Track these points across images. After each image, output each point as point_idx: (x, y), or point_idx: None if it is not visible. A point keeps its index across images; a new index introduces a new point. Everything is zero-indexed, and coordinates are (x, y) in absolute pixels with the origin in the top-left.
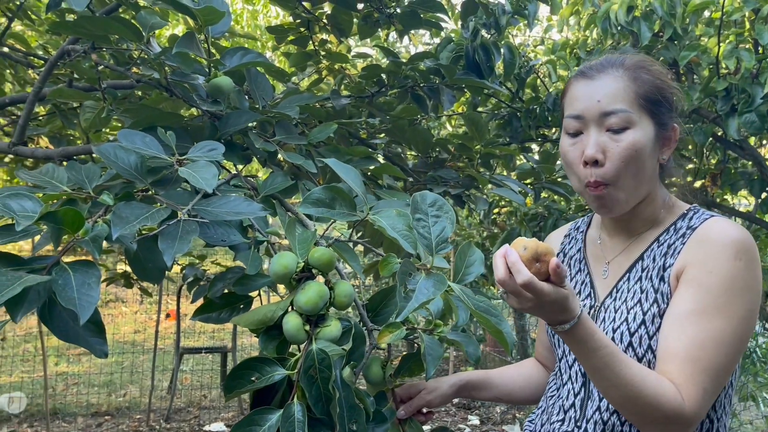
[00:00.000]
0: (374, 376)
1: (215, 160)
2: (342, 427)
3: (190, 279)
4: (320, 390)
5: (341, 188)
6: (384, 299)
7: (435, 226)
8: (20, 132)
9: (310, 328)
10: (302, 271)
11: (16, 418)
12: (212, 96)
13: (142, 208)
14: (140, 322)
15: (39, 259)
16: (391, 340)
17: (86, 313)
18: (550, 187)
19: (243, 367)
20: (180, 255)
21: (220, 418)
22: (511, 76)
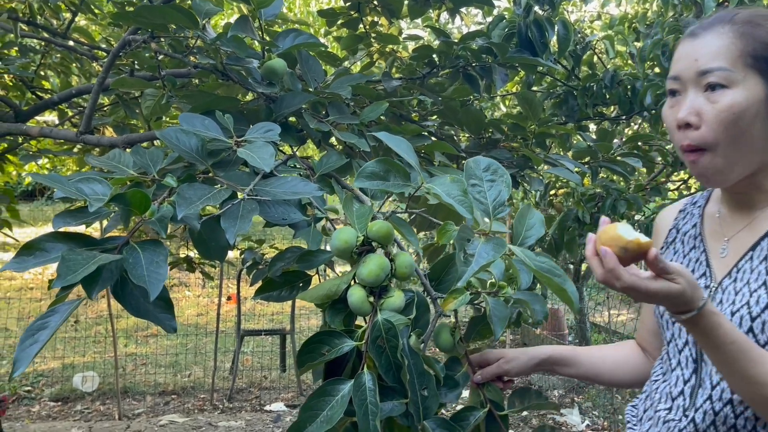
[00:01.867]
0: (444, 342)
1: (272, 140)
2: (413, 394)
3: (249, 263)
4: (389, 359)
5: (394, 161)
6: (445, 267)
7: (491, 191)
8: (86, 121)
9: (374, 299)
10: (362, 244)
11: (89, 396)
12: (267, 79)
13: (204, 189)
14: (202, 305)
15: (110, 240)
16: (455, 306)
17: (156, 290)
18: (608, 166)
19: (313, 341)
20: (242, 233)
21: (280, 398)
22: (566, 53)
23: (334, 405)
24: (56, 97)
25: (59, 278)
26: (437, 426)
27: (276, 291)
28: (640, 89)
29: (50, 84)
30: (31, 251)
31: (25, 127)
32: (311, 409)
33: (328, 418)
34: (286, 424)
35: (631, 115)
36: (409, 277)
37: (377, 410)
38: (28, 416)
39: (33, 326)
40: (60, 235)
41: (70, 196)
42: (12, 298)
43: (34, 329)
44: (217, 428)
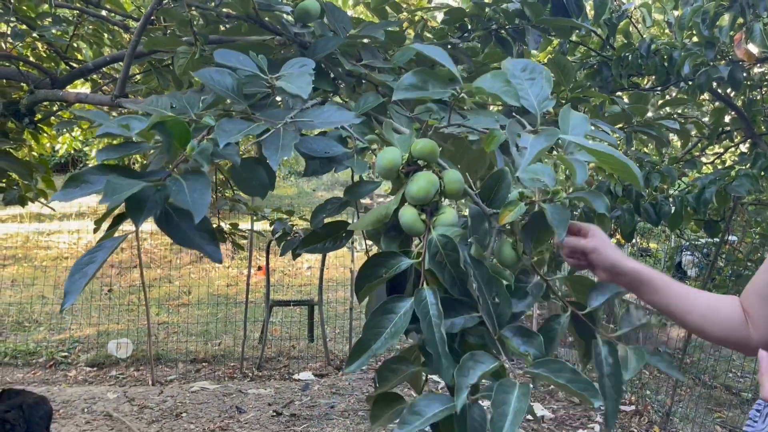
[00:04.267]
0: (507, 257)
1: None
2: (484, 302)
3: (278, 234)
4: (452, 272)
5: (431, 70)
6: (495, 184)
7: (533, 87)
8: (121, 85)
9: (427, 217)
10: (408, 164)
11: (123, 362)
12: (300, 21)
13: (243, 123)
14: (232, 276)
15: (153, 173)
16: (512, 218)
17: (200, 213)
18: (643, 130)
19: (371, 264)
20: (284, 158)
21: (308, 367)
22: (601, 18)
23: (397, 321)
24: (91, 64)
25: (105, 196)
26: (515, 334)
27: (320, 243)
28: (677, 59)
29: (83, 55)
30: (77, 183)
31: (62, 94)
32: (374, 327)
33: (392, 333)
34: (314, 392)
35: (667, 85)
36: (459, 193)
37: (440, 321)
38: (65, 381)
39: (81, 261)
40: (104, 167)
41: (112, 130)
42: (48, 267)
43: (83, 263)
44: (246, 395)
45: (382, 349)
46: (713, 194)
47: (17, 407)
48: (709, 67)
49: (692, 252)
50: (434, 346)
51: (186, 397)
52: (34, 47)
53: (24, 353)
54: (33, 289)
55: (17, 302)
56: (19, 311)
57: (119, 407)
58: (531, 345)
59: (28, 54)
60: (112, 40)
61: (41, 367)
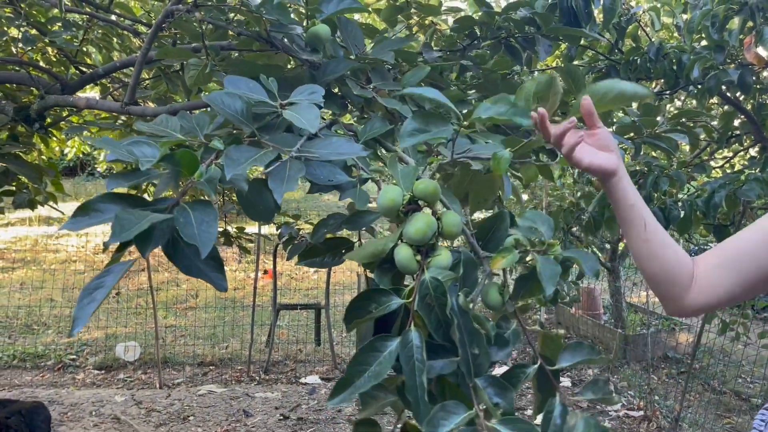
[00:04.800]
0: (493, 301)
1: (316, 102)
2: (463, 352)
3: (285, 238)
4: (438, 317)
5: (429, 112)
6: (492, 227)
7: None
8: (131, 92)
9: (421, 258)
10: (408, 203)
11: (131, 365)
12: (311, 45)
13: (251, 150)
14: (239, 279)
15: (161, 201)
16: (504, 264)
17: (206, 248)
18: (652, 142)
19: (361, 299)
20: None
21: (315, 371)
22: (610, 24)
23: (382, 361)
24: (101, 70)
25: (114, 235)
26: (488, 384)
27: (319, 257)
28: (686, 62)
29: (92, 60)
30: (86, 212)
31: (72, 99)
32: (359, 364)
33: (375, 373)
34: (320, 396)
35: (676, 89)
36: (457, 236)
37: (423, 366)
38: (74, 384)
39: (90, 286)
40: (113, 196)
41: (122, 158)
42: (57, 270)
43: (91, 288)
44: (254, 399)
45: (365, 387)
46: (723, 198)
47: (17, 413)
48: (719, 70)
49: None
50: (414, 393)
51: (193, 401)
52: (44, 52)
53: (32, 356)
54: (41, 292)
55: (26, 305)
56: (28, 314)
57: (127, 410)
58: (503, 397)
59: (38, 59)
60: (121, 45)
61: (49, 370)
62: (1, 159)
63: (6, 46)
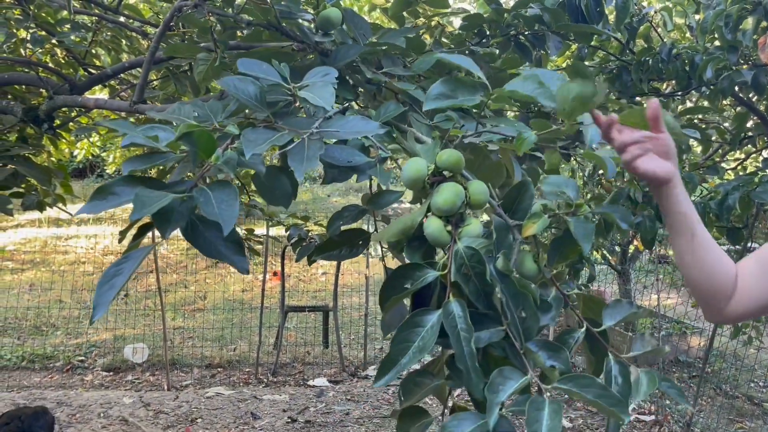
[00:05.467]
0: (529, 270)
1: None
2: (511, 316)
3: (294, 239)
4: (477, 285)
5: (460, 77)
6: (518, 195)
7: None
8: (139, 92)
9: (452, 229)
10: (433, 175)
11: (139, 367)
12: (322, 29)
13: (268, 132)
14: (248, 281)
15: (179, 183)
16: (536, 230)
17: (229, 225)
18: None
19: (396, 276)
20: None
21: (323, 373)
22: (623, 23)
23: (425, 335)
24: (109, 70)
25: (135, 211)
26: (540, 348)
27: (336, 250)
28: (699, 63)
29: (101, 62)
30: (104, 195)
31: (81, 100)
32: (402, 342)
33: (420, 347)
34: (328, 399)
35: (688, 90)
36: (484, 204)
37: (470, 335)
38: (82, 385)
39: (108, 273)
40: (130, 179)
41: (137, 141)
42: (66, 272)
43: (110, 275)
44: (261, 401)
45: (411, 364)
46: (737, 201)
47: (17, 418)
48: (732, 71)
49: None
50: (464, 361)
51: (201, 403)
52: (53, 53)
53: (41, 357)
54: (51, 294)
55: (35, 306)
56: (37, 315)
57: (135, 412)
58: (557, 359)
59: (47, 60)
60: (130, 47)
61: (58, 371)
62: (10, 161)
63: (15, 48)
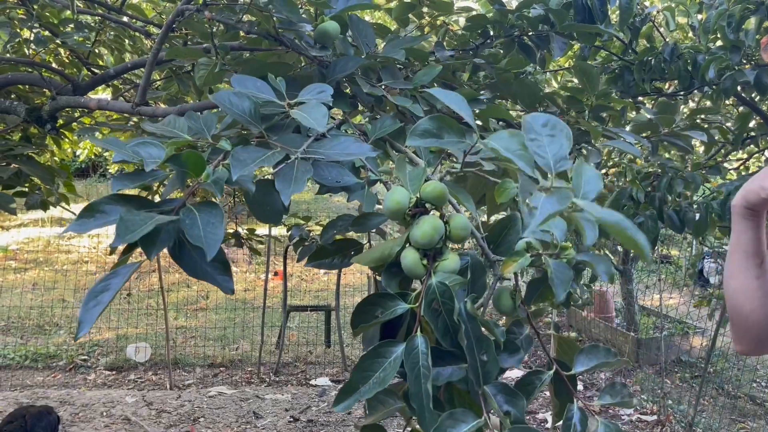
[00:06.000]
0: (505, 306)
1: (324, 101)
2: (471, 359)
3: (296, 239)
4: (446, 322)
5: (448, 117)
6: (504, 230)
7: (551, 145)
8: (142, 93)
9: (428, 262)
10: (415, 206)
11: (142, 366)
12: (320, 42)
13: (258, 151)
14: (249, 281)
15: (167, 203)
16: (515, 268)
17: (213, 250)
18: (669, 140)
19: (367, 303)
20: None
21: (325, 373)
22: (627, 23)
23: (387, 367)
24: (112, 71)
25: (118, 237)
26: (498, 391)
27: (328, 259)
28: (701, 63)
29: (105, 62)
30: (91, 213)
31: (83, 100)
32: (364, 370)
33: (380, 379)
34: (330, 398)
35: (691, 90)
36: (465, 239)
37: (429, 373)
38: (85, 384)
39: (96, 288)
40: (119, 197)
41: (127, 158)
42: (68, 271)
43: (97, 291)
44: (263, 400)
45: (369, 394)
46: None
47: (21, 417)
48: (735, 71)
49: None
50: (419, 400)
51: (203, 402)
52: (56, 54)
53: (44, 356)
54: (54, 293)
55: (38, 305)
56: (40, 314)
57: (137, 411)
58: (513, 405)
59: (50, 60)
60: (133, 47)
61: (61, 370)
62: (13, 160)
63: (18, 48)
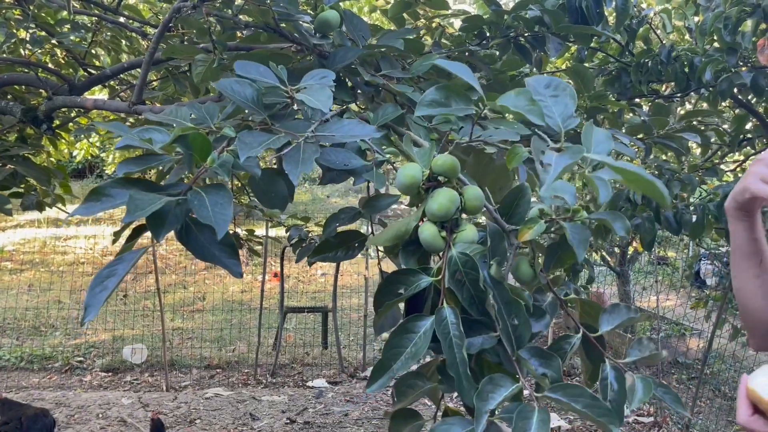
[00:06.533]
0: (525, 274)
1: (328, 86)
2: (503, 324)
3: (294, 240)
4: (471, 292)
5: (454, 85)
6: (515, 200)
7: (556, 105)
8: (138, 92)
9: (447, 234)
10: (428, 180)
11: (138, 368)
12: (320, 31)
13: (263, 135)
14: (247, 282)
15: (174, 186)
16: (531, 235)
17: (222, 229)
18: (663, 142)
19: (389, 282)
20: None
21: (322, 374)
22: (623, 25)
23: (417, 341)
24: (108, 71)
25: (128, 213)
26: (532, 355)
27: (332, 252)
28: (698, 65)
29: (101, 62)
30: (98, 197)
31: (80, 100)
32: (394, 347)
33: (412, 353)
34: (327, 400)
35: (687, 92)
36: (479, 210)
37: (462, 341)
38: (81, 386)
39: (101, 274)
40: (125, 181)
41: (133, 143)
42: (64, 272)
43: (103, 276)
44: (260, 402)
45: (403, 370)
46: None
47: (17, 419)
48: (731, 73)
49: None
50: (455, 368)
51: (200, 404)
52: (53, 54)
53: (40, 358)
54: (50, 294)
55: (34, 307)
56: (36, 316)
57: (133, 413)
58: (548, 367)
59: (47, 60)
60: (129, 47)
61: (57, 372)
62: (9, 161)
63: (15, 48)
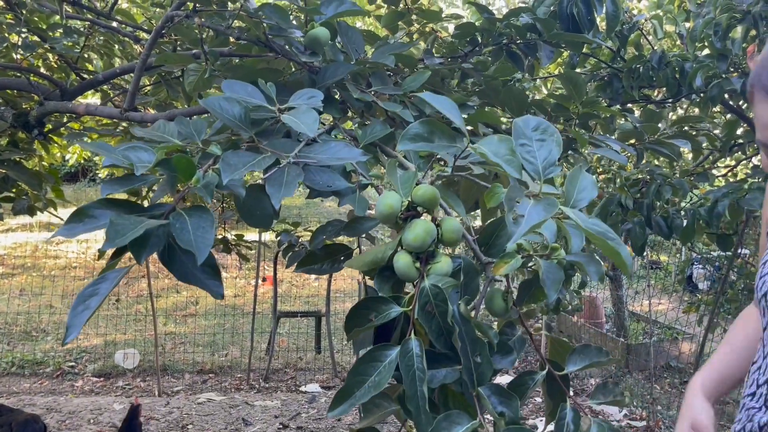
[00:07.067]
0: (497, 307)
1: (315, 107)
2: (466, 361)
3: (285, 245)
4: (440, 324)
5: (438, 122)
6: (495, 231)
7: (541, 150)
8: (130, 99)
9: (421, 265)
10: (407, 210)
11: (130, 373)
12: (310, 48)
13: (248, 155)
14: (239, 286)
15: (157, 207)
16: (507, 270)
17: (203, 254)
18: (654, 148)
19: (361, 307)
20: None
21: (315, 379)
22: (614, 31)
23: (382, 370)
24: (101, 76)
25: (108, 241)
26: (492, 393)
27: (318, 264)
28: (689, 71)
29: (93, 66)
30: (80, 218)
31: (71, 105)
32: (359, 374)
33: (375, 383)
34: (321, 405)
35: (678, 98)
36: (456, 242)
37: (424, 376)
38: (72, 391)
39: (84, 293)
40: (108, 201)
41: (117, 163)
42: (56, 277)
43: (86, 296)
44: (253, 407)
45: (365, 398)
46: (726, 208)
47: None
48: (722, 79)
49: (703, 265)
50: (415, 403)
51: (192, 409)
52: (45, 58)
53: (31, 363)
54: (41, 299)
55: (25, 311)
56: (27, 320)
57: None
58: (507, 406)
59: (39, 65)
60: (122, 51)
61: (48, 377)
62: (0, 165)
63: (6, 52)
